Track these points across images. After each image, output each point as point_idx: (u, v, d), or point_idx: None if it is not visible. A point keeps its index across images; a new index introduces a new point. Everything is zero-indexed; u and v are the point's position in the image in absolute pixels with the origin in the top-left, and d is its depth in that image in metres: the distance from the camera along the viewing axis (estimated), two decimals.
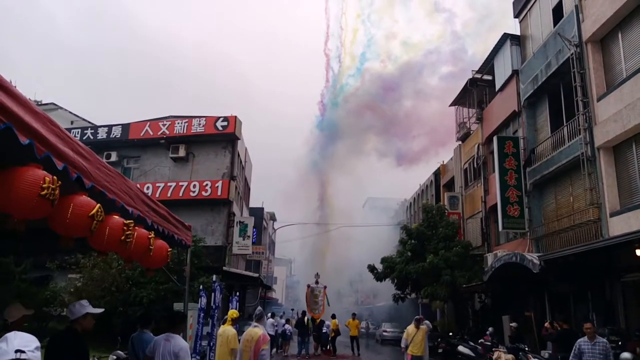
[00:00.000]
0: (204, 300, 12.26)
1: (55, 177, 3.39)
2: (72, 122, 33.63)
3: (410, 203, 47.84)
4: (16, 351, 3.03)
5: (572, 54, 17.09)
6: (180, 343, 5.82)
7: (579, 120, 16.81)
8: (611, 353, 8.85)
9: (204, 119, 28.37)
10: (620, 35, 15.40)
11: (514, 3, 23.22)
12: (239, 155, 29.96)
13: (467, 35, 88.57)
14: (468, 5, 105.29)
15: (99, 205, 4.07)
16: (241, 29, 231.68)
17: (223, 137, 28.44)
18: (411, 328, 13.85)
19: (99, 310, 5.20)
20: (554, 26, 19.34)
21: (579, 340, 8.77)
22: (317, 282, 25.84)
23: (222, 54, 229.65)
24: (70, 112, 35.69)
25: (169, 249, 6.16)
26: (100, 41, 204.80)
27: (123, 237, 4.71)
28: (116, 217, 4.68)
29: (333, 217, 69.34)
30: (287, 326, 25.14)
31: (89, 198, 4.03)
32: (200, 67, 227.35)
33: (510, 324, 17.78)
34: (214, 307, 12.67)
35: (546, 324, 15.80)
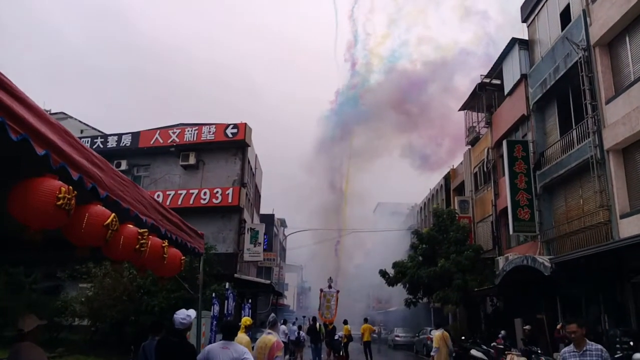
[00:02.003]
0: (216, 308, 12.35)
1: (71, 187, 3.44)
2: (82, 131, 33.92)
3: (421, 207, 47.79)
4: None
5: (580, 58, 17.10)
6: (242, 348, 5.93)
7: (588, 123, 16.81)
8: None
9: (213, 126, 28.58)
10: (627, 38, 15.40)
11: (521, 8, 23.24)
12: (249, 162, 30.11)
13: (500, 40, 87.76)
14: (500, 10, 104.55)
15: (113, 214, 4.12)
16: (249, 29, 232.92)
17: (233, 145, 28.62)
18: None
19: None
20: (562, 30, 19.35)
21: (563, 349, 6.23)
22: (330, 287, 25.87)
23: (230, 54, 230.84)
24: (80, 121, 36.06)
25: (182, 257, 6.22)
26: (106, 45, 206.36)
27: (137, 246, 4.73)
28: (130, 226, 4.70)
29: (344, 222, 69.34)
30: (301, 333, 25.13)
31: (103, 207, 4.08)
32: (209, 68, 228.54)
33: (524, 327, 17.74)
34: (227, 314, 12.74)
35: (558, 327, 15.76)
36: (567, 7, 19.28)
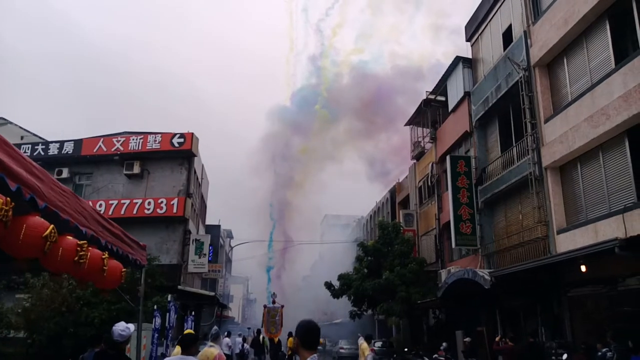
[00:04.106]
0: (158, 320, 12.09)
1: (8, 199, 3.35)
2: (22, 138, 32.66)
3: (367, 220, 48.25)
4: None
5: (520, 78, 17.73)
6: None
7: (528, 141, 17.41)
8: None
9: (159, 135, 28.06)
10: (565, 60, 16.07)
11: (465, 27, 23.94)
12: (195, 172, 29.72)
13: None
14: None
15: (52, 225, 4.02)
16: (194, 37, 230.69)
17: (179, 154, 28.15)
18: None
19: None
20: (504, 50, 20.03)
21: None
22: (274, 302, 25.68)
23: (176, 62, 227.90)
24: (20, 127, 34.76)
25: (123, 269, 6.09)
26: (46, 53, 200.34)
27: (76, 258, 4.61)
28: (69, 237, 4.59)
29: (291, 234, 69.23)
30: (245, 345, 24.89)
31: (42, 219, 3.98)
32: (154, 76, 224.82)
33: (464, 339, 18.12)
34: (168, 327, 12.49)
35: (497, 339, 16.19)
36: (509, 27, 19.99)
